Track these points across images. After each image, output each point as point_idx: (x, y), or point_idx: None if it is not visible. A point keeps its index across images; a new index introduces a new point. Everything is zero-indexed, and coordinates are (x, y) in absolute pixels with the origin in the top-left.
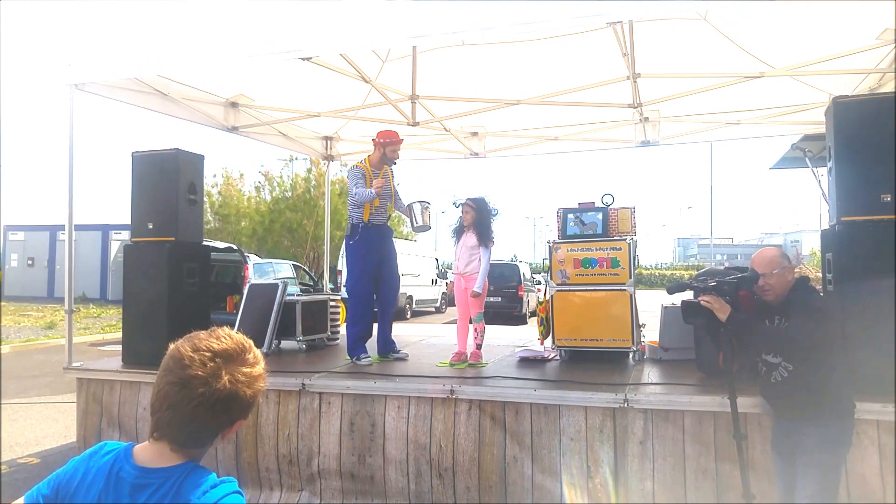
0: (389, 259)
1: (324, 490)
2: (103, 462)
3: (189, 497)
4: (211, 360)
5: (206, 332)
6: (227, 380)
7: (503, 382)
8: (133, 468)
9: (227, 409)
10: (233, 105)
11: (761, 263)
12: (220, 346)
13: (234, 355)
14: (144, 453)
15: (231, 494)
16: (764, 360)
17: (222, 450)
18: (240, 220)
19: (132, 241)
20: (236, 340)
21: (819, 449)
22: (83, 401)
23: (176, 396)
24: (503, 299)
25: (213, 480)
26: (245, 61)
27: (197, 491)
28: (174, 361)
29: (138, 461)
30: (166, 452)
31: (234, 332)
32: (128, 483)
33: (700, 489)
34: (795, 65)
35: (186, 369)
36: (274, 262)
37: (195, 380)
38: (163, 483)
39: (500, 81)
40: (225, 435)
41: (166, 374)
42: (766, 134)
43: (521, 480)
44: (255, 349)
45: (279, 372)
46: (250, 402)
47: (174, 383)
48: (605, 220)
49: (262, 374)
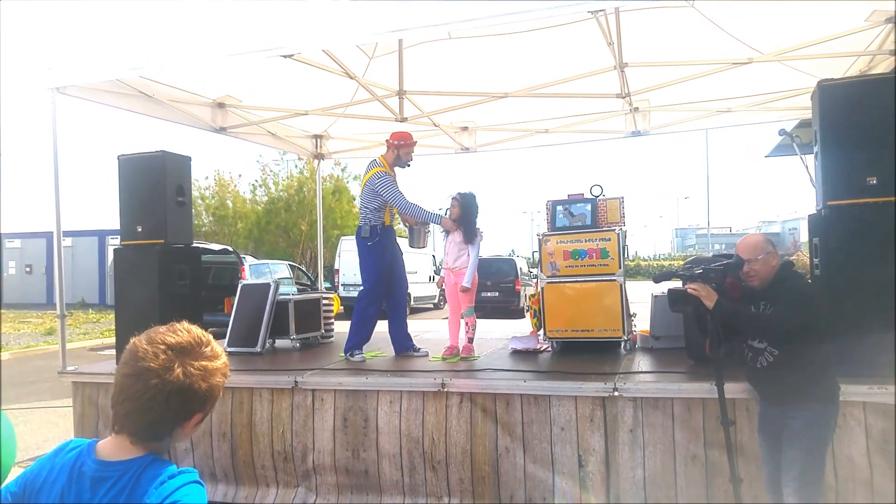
0: (397, 259)
1: (319, 486)
2: (67, 458)
3: (147, 488)
4: (164, 352)
5: (166, 326)
6: (179, 372)
7: (494, 375)
8: (94, 462)
9: (182, 401)
10: (220, 106)
11: (745, 249)
12: (176, 339)
13: (189, 349)
14: (106, 448)
15: (189, 484)
16: (750, 346)
17: (218, 448)
18: (236, 222)
19: (122, 245)
20: (193, 335)
21: (804, 433)
22: (79, 404)
23: (131, 388)
24: (500, 294)
25: (171, 471)
26: (226, 60)
27: (154, 482)
28: (130, 354)
29: (99, 455)
30: (126, 446)
31: (194, 326)
32: (88, 477)
33: (690, 475)
34: (784, 49)
35: (140, 361)
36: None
37: (148, 371)
38: (121, 476)
39: (488, 75)
40: (184, 428)
41: (122, 366)
42: (758, 121)
43: (514, 471)
44: (214, 344)
45: (272, 370)
46: (207, 395)
47: (129, 375)
48: (594, 212)
49: (221, 369)
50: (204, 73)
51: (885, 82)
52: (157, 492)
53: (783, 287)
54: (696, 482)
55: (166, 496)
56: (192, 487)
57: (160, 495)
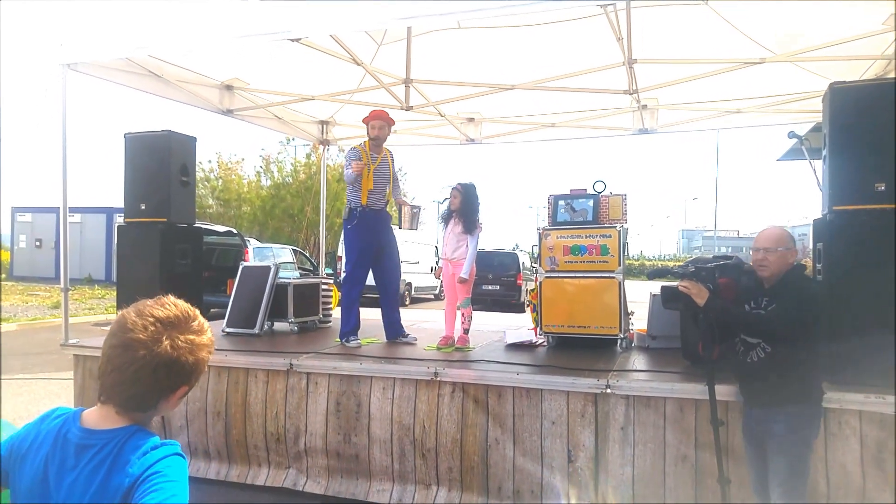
0: (389, 245)
1: (310, 468)
2: (53, 425)
3: (129, 457)
4: (153, 324)
5: (154, 299)
6: (167, 345)
7: (487, 366)
8: (79, 430)
9: (169, 373)
10: (227, 88)
11: (767, 238)
12: (164, 313)
13: (177, 322)
14: (91, 416)
15: (171, 456)
16: (742, 340)
17: (212, 426)
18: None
19: (125, 222)
20: (181, 308)
21: (787, 438)
22: (80, 377)
23: (118, 359)
24: (501, 287)
25: (154, 442)
26: (235, 42)
27: (137, 452)
28: (118, 326)
29: (85, 424)
30: (111, 415)
31: (182, 301)
32: (73, 444)
33: (679, 475)
34: (797, 51)
35: (128, 333)
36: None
37: (136, 343)
38: (105, 444)
39: (496, 66)
40: (170, 400)
41: (111, 337)
42: (770, 123)
43: (503, 462)
44: (200, 318)
45: (268, 352)
46: (193, 369)
47: (117, 346)
48: (596, 208)
49: (207, 344)
50: (212, 54)
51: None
52: (139, 461)
53: (790, 286)
54: (684, 482)
55: (148, 466)
56: (174, 459)
57: (142, 465)
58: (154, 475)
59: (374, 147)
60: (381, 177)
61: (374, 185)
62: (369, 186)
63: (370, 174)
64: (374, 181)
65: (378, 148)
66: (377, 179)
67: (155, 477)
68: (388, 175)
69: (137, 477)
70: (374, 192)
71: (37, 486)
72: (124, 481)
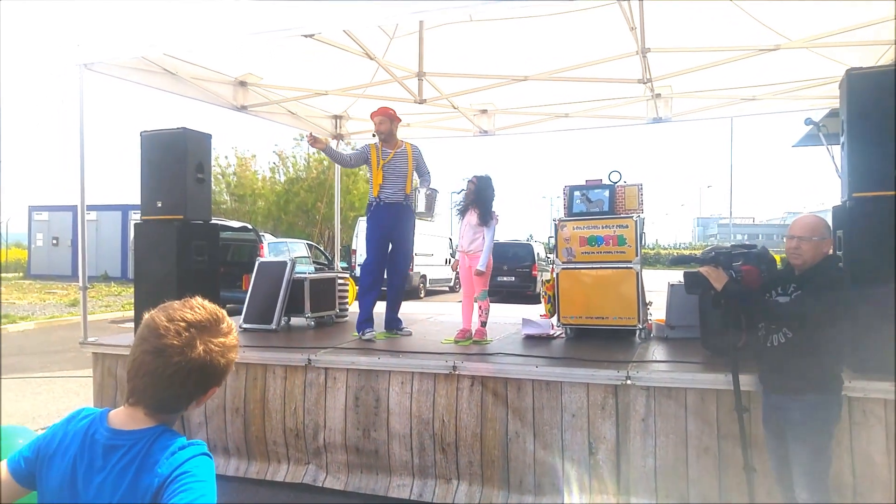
0: (401, 240)
1: (329, 464)
2: (80, 426)
3: (158, 458)
4: (186, 329)
5: (181, 302)
6: (201, 349)
7: (506, 359)
8: (106, 430)
9: (201, 377)
10: (241, 84)
11: (802, 227)
12: (195, 316)
13: (209, 325)
14: (118, 417)
15: (199, 456)
16: (765, 325)
17: (231, 423)
18: (255, 201)
19: (142, 220)
20: (210, 310)
21: (804, 423)
22: (99, 375)
23: (152, 364)
24: (517, 279)
25: (181, 442)
26: (249, 39)
27: (165, 452)
28: (150, 331)
29: (112, 424)
30: (139, 416)
31: (207, 302)
32: (101, 444)
33: (702, 466)
34: (812, 36)
35: (162, 338)
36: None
37: (170, 349)
38: (133, 444)
39: (509, 57)
40: (199, 402)
41: (142, 342)
42: (785, 109)
43: (523, 456)
44: (227, 319)
45: (286, 347)
46: (224, 370)
47: (150, 352)
48: (612, 198)
49: (235, 345)
50: (226, 51)
51: None
52: (167, 462)
53: (818, 276)
54: (707, 473)
55: (177, 466)
56: (202, 459)
57: (171, 465)
58: (183, 475)
59: (385, 142)
60: (394, 171)
61: (384, 179)
62: (379, 181)
63: (379, 169)
64: (385, 175)
65: (390, 143)
66: (388, 174)
67: (184, 477)
68: (403, 169)
69: (166, 477)
70: (385, 186)
71: (66, 487)
72: (153, 481)
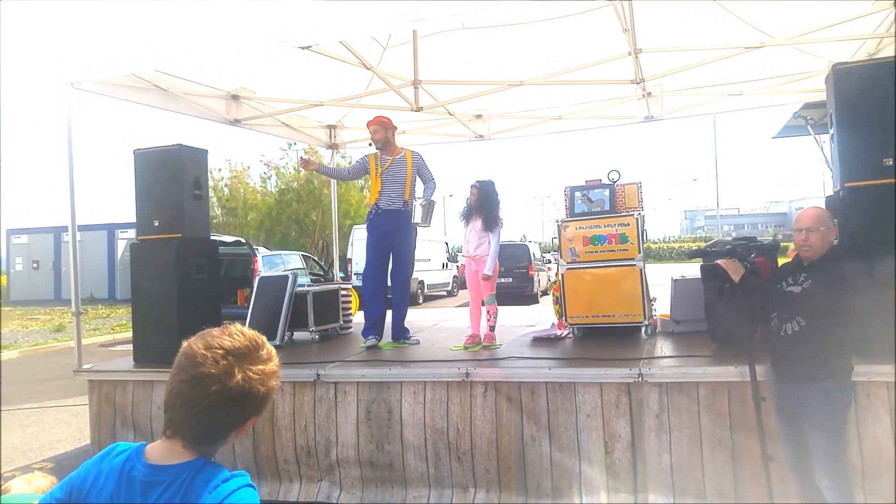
0: (400, 246)
1: (343, 479)
2: (115, 463)
3: (201, 492)
4: (223, 357)
5: (219, 329)
6: (240, 378)
7: (518, 363)
8: (144, 466)
9: (240, 406)
10: (234, 98)
11: (809, 218)
12: (233, 343)
13: (247, 352)
14: (156, 451)
15: (243, 489)
16: (778, 314)
17: (240, 444)
18: (247, 213)
19: (138, 240)
20: (249, 337)
21: (822, 410)
22: (95, 402)
23: (189, 394)
24: (514, 280)
25: (224, 475)
26: (244, 53)
27: (208, 486)
28: (187, 359)
29: (149, 459)
30: (178, 450)
31: (247, 328)
32: (139, 481)
33: (717, 459)
34: (795, 34)
35: (199, 367)
36: (283, 254)
37: (208, 378)
38: (174, 480)
39: (503, 63)
40: (239, 432)
41: (179, 371)
42: (768, 104)
43: (540, 459)
44: (268, 345)
45: (293, 363)
46: (264, 399)
47: (187, 381)
48: (612, 197)
49: (276, 371)
50: (218, 65)
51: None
52: (210, 496)
53: (829, 265)
54: (722, 466)
55: (221, 500)
56: (246, 491)
57: (215, 499)
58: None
59: (383, 150)
60: (392, 178)
61: (382, 186)
62: (377, 188)
63: (377, 177)
64: (383, 182)
65: (388, 150)
66: (386, 181)
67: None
68: (402, 176)
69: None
70: (384, 194)
71: None
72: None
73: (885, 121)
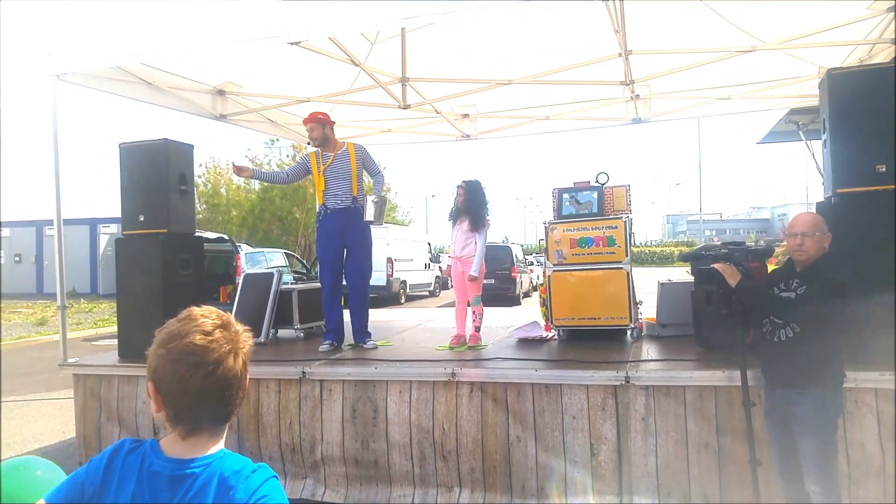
0: (356, 244)
1: (328, 476)
2: (130, 461)
3: (231, 483)
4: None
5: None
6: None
7: (504, 364)
8: (167, 461)
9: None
10: (220, 93)
11: (803, 223)
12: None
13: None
14: (173, 446)
15: (271, 479)
16: (770, 320)
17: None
18: (229, 210)
19: (123, 235)
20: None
21: (813, 417)
22: (81, 397)
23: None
24: (496, 281)
25: (251, 465)
26: (232, 48)
27: (238, 476)
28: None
29: (169, 454)
30: (192, 441)
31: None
32: (164, 476)
33: (703, 462)
34: (786, 38)
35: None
36: (266, 251)
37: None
38: (201, 472)
39: (492, 61)
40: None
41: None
42: (756, 108)
43: (525, 460)
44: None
45: (279, 361)
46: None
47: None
48: (601, 199)
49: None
50: (205, 59)
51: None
52: (243, 486)
53: (823, 271)
54: (708, 469)
55: (253, 491)
56: (274, 483)
57: (247, 490)
58: (262, 498)
59: (323, 147)
60: (335, 175)
61: (325, 185)
62: (321, 187)
63: (320, 175)
64: (327, 180)
65: (328, 146)
66: (329, 179)
67: (264, 500)
68: (347, 171)
69: (245, 501)
70: (329, 192)
71: None
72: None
73: (880, 127)
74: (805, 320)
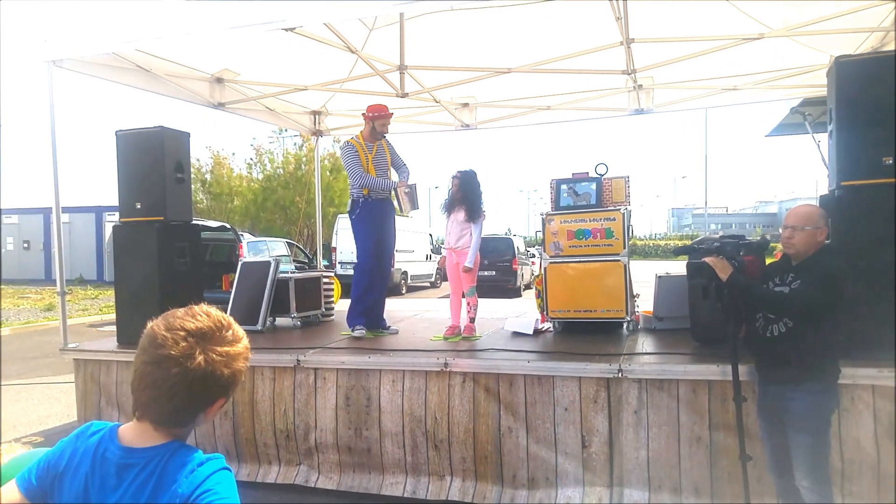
0: (386, 237)
1: (321, 464)
2: (89, 443)
3: (176, 476)
4: (184, 339)
5: (184, 310)
6: (201, 359)
7: (497, 355)
8: (118, 448)
9: (205, 388)
10: (218, 81)
11: (796, 216)
12: (195, 325)
13: (210, 334)
14: (129, 433)
15: (219, 472)
16: (764, 315)
17: (220, 426)
18: (232, 199)
19: (121, 222)
20: (214, 318)
21: (806, 413)
22: (81, 381)
23: (151, 376)
24: (497, 273)
25: (199, 458)
26: (227, 34)
27: (184, 470)
28: (149, 341)
29: (123, 441)
30: (150, 432)
31: (213, 309)
32: (113, 463)
33: (694, 456)
34: (795, 24)
35: (160, 349)
36: (268, 241)
37: (169, 360)
38: (147, 462)
39: (491, 49)
40: (207, 413)
41: (142, 353)
42: (764, 99)
43: (516, 450)
44: (235, 327)
45: (274, 349)
46: (230, 381)
47: (149, 363)
48: (599, 191)
49: (243, 353)
50: (202, 46)
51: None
52: (187, 480)
53: (817, 265)
54: (699, 463)
55: (197, 485)
56: (223, 475)
57: (191, 484)
58: (205, 493)
59: (367, 139)
60: (380, 167)
61: (374, 175)
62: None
63: (370, 165)
64: (375, 172)
65: (374, 138)
66: (376, 170)
67: (206, 496)
68: (385, 164)
69: (187, 497)
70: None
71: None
72: (174, 501)
73: (888, 118)
74: (798, 315)
